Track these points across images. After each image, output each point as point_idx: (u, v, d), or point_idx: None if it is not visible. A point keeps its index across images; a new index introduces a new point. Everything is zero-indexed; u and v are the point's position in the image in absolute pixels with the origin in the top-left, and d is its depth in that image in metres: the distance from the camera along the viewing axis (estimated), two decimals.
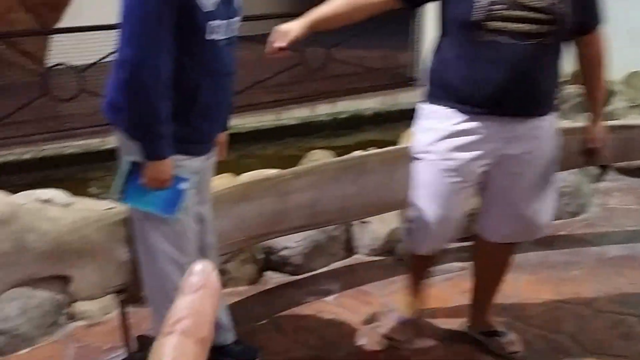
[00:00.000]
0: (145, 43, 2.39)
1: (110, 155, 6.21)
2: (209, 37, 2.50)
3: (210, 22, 2.48)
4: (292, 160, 5.80)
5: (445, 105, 2.75)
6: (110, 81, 2.64)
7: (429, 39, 8.44)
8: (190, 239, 2.73)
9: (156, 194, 2.58)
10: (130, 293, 3.02)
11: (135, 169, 2.56)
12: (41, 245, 2.54)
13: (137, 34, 2.40)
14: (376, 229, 4.24)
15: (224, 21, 2.56)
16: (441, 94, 2.76)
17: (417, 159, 2.91)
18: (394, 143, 5.17)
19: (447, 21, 2.70)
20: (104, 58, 6.51)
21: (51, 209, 2.71)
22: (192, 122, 2.59)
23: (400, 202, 4.06)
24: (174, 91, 2.49)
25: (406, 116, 8.18)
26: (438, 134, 2.77)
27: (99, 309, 3.44)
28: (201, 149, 2.72)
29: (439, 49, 2.77)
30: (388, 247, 4.26)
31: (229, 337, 3.09)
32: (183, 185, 2.61)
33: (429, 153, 2.82)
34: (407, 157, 3.91)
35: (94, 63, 6.54)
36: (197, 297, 0.66)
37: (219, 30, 2.55)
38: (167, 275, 2.72)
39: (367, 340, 3.33)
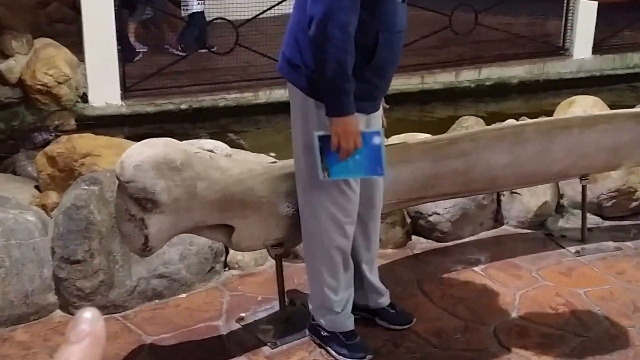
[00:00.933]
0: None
1: (261, 110, 6.40)
2: None
3: None
4: (438, 125, 5.73)
5: None
6: (287, 39, 2.66)
7: (582, 7, 8.09)
8: (352, 199, 2.73)
9: (356, 160, 2.58)
10: (285, 248, 3.06)
11: (326, 142, 2.56)
12: (210, 194, 2.60)
13: None
14: (526, 201, 4.13)
15: None
16: None
17: None
18: (543, 113, 5.00)
19: None
20: (260, 14, 6.62)
21: (220, 159, 2.77)
22: (367, 79, 2.59)
23: (555, 175, 3.94)
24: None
25: (554, 86, 7.97)
26: None
27: (252, 260, 3.52)
28: (371, 107, 2.71)
29: None
30: (537, 221, 4.14)
31: (384, 301, 3.09)
32: (377, 140, 2.60)
33: None
34: (564, 129, 3.78)
35: (251, 19, 6.64)
36: (83, 346, 0.66)
37: None
38: (327, 233, 2.74)
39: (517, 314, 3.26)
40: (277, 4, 6.56)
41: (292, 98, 2.71)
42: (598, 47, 8.54)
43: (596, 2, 5.97)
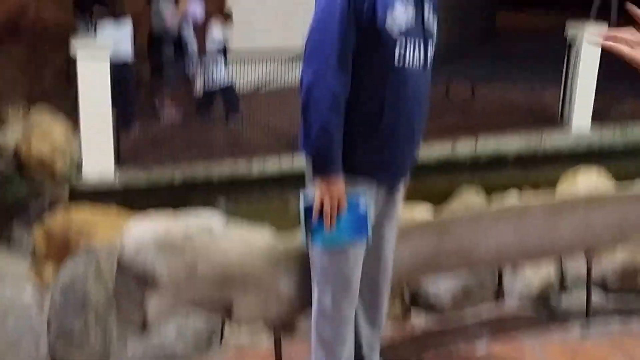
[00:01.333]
0: (319, 63, 2.43)
1: (255, 181, 6.38)
2: (398, 64, 2.48)
3: (401, 50, 2.46)
4: (435, 196, 5.68)
5: None
6: None
7: (581, 78, 8.16)
8: (351, 281, 2.67)
9: (340, 227, 2.54)
10: (284, 324, 2.99)
11: (312, 213, 2.53)
12: (210, 272, 2.56)
13: (314, 55, 2.45)
14: (529, 276, 4.07)
15: (417, 45, 2.52)
16: None
17: None
18: (544, 185, 4.96)
19: None
20: (262, 87, 6.67)
21: (221, 238, 2.73)
22: (375, 145, 2.56)
23: (560, 250, 3.87)
24: (356, 111, 2.49)
25: (552, 159, 7.97)
26: None
27: (249, 337, 3.44)
28: (383, 177, 2.66)
29: None
30: (540, 296, 4.07)
31: None
32: (362, 206, 2.56)
33: None
34: (570, 205, 3.75)
35: (259, 89, 6.69)
36: None
37: (410, 55, 2.51)
38: (324, 306, 2.68)
39: None
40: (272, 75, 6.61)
41: (306, 167, 2.66)
42: (597, 119, 8.57)
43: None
